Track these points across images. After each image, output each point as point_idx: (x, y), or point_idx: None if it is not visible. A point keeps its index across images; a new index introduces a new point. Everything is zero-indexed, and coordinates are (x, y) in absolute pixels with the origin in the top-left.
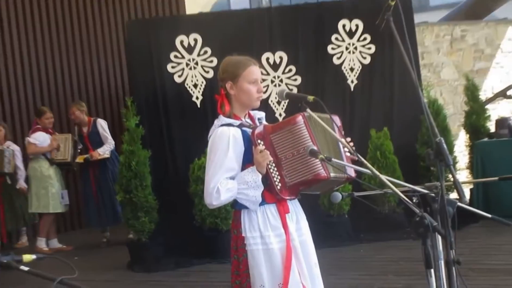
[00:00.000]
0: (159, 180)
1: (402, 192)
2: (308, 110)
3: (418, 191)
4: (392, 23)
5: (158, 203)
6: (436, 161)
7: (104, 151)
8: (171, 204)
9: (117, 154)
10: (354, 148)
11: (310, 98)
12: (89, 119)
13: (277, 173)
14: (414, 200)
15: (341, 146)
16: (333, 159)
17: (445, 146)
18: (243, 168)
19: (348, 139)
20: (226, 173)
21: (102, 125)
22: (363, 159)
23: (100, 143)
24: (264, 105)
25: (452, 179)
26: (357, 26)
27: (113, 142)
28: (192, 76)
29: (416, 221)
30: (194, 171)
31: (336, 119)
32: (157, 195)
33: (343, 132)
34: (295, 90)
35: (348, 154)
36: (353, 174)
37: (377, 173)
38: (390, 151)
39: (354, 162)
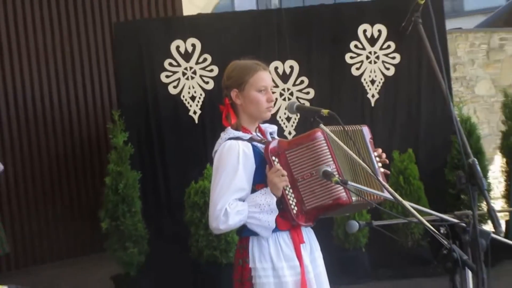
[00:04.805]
0: (150, 205)
1: (428, 221)
2: (322, 125)
3: (447, 220)
4: (420, 26)
5: (148, 232)
6: (468, 185)
7: None
8: (163, 234)
9: None
10: (381, 164)
11: (325, 111)
12: None
13: (293, 195)
14: (442, 231)
15: (374, 162)
16: (350, 183)
17: (479, 168)
18: (253, 189)
19: (380, 150)
20: (235, 194)
21: None
22: (384, 183)
23: None
24: (272, 122)
25: (486, 207)
26: (379, 32)
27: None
28: (189, 87)
29: (443, 255)
30: (190, 196)
31: (366, 131)
32: (147, 223)
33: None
34: (307, 105)
35: (382, 170)
36: (385, 194)
37: (400, 199)
38: (415, 176)
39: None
